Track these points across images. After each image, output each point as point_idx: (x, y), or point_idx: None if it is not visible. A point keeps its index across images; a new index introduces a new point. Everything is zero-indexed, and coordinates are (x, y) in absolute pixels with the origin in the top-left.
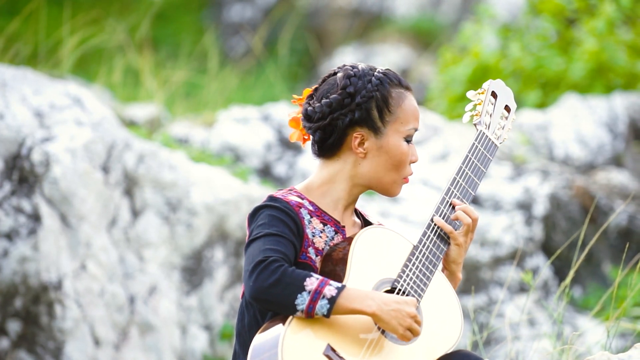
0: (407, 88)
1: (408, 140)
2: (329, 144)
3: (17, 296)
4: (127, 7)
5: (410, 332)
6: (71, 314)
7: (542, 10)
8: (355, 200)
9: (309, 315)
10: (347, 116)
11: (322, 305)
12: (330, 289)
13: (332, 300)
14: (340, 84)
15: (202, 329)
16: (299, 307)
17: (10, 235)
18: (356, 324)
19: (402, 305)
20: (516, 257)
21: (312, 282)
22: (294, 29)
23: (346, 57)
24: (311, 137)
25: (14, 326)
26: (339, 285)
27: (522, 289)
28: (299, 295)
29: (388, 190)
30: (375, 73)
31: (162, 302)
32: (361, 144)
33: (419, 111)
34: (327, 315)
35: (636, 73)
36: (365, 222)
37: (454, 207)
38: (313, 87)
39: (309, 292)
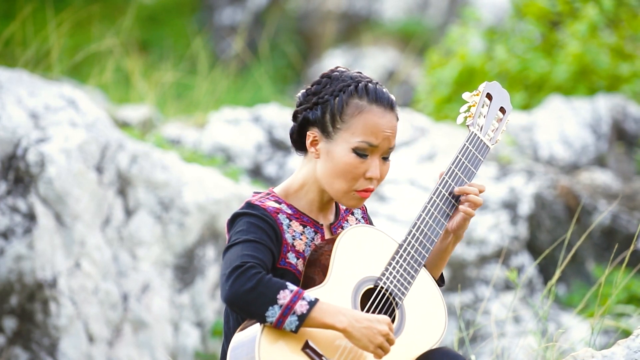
0: (380, 103)
1: (360, 153)
2: (293, 138)
3: (12, 294)
4: (120, 10)
5: (381, 350)
6: (66, 312)
7: (526, 14)
8: (330, 201)
9: (277, 328)
10: (305, 112)
11: (291, 322)
12: (302, 304)
13: (302, 318)
14: (314, 80)
15: (194, 326)
16: (269, 320)
17: (6, 234)
18: None
19: (374, 323)
20: (501, 255)
21: (286, 295)
22: (284, 32)
23: (335, 60)
24: None
25: (9, 323)
26: (312, 299)
27: (508, 286)
28: (270, 307)
29: (339, 199)
30: (352, 80)
31: (154, 300)
32: (314, 143)
33: (383, 128)
34: (295, 331)
35: (619, 75)
36: (337, 214)
37: (444, 204)
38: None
39: (281, 306)
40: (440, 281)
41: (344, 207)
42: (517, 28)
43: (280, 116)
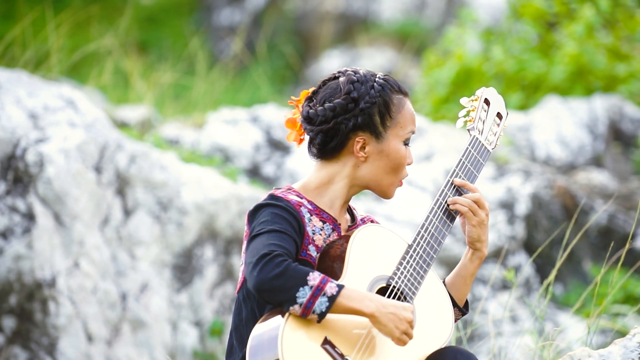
0: (405, 94)
1: (406, 143)
2: (330, 147)
3: (11, 293)
4: (119, 11)
5: (405, 336)
6: (65, 311)
7: (523, 15)
8: (350, 198)
9: (306, 310)
10: (350, 121)
11: (321, 302)
12: (331, 287)
13: (332, 299)
14: (344, 88)
15: (192, 325)
16: (299, 301)
17: (5, 234)
18: (351, 319)
19: (400, 309)
20: (499, 255)
21: (315, 277)
22: (282, 32)
23: (333, 60)
24: (309, 138)
25: (8, 323)
26: (340, 284)
27: (505, 286)
28: (300, 288)
29: (385, 193)
30: (377, 79)
31: (153, 299)
32: (362, 148)
33: (415, 115)
34: (324, 313)
35: (615, 76)
36: (353, 218)
37: (448, 206)
38: (311, 90)
39: (311, 287)
40: (464, 308)
41: (360, 217)
42: (514, 29)
43: (278, 116)
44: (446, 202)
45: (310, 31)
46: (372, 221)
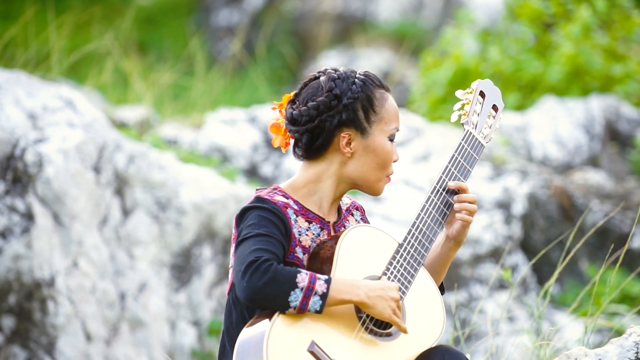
0: (387, 89)
1: (391, 139)
2: (317, 146)
3: (11, 293)
4: (119, 12)
5: (395, 316)
6: (63, 310)
7: (520, 15)
8: (340, 197)
9: (301, 311)
10: (334, 117)
11: (314, 302)
12: (320, 284)
13: (324, 296)
14: (325, 86)
15: (191, 324)
16: (292, 304)
17: (4, 234)
18: (340, 320)
19: (386, 290)
20: (498, 255)
21: (304, 278)
22: (280, 33)
23: (331, 61)
24: (294, 140)
25: (8, 322)
26: (326, 277)
27: (502, 285)
28: (292, 292)
29: (373, 189)
30: (357, 75)
31: (151, 299)
32: (348, 144)
33: (398, 111)
34: (320, 311)
35: (612, 76)
36: (339, 213)
37: (441, 203)
38: (293, 93)
39: (302, 289)
40: (440, 290)
41: (345, 208)
42: (511, 29)
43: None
44: (439, 199)
45: (308, 32)
46: (357, 208)
